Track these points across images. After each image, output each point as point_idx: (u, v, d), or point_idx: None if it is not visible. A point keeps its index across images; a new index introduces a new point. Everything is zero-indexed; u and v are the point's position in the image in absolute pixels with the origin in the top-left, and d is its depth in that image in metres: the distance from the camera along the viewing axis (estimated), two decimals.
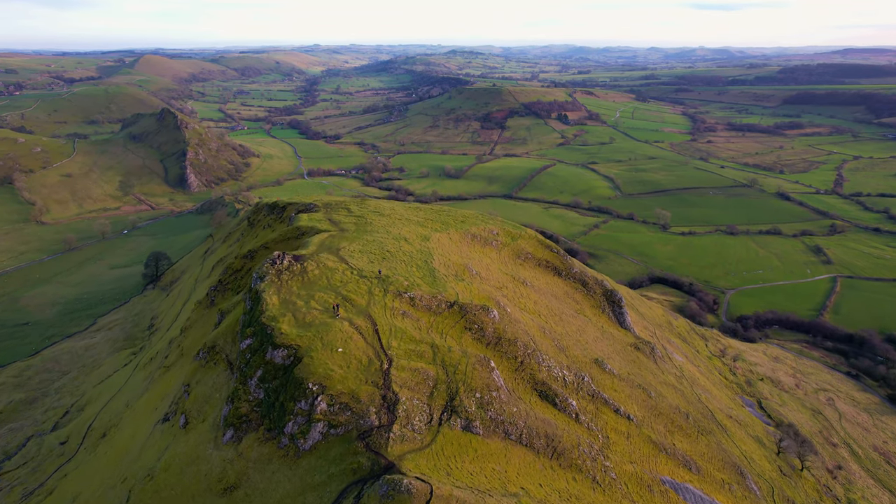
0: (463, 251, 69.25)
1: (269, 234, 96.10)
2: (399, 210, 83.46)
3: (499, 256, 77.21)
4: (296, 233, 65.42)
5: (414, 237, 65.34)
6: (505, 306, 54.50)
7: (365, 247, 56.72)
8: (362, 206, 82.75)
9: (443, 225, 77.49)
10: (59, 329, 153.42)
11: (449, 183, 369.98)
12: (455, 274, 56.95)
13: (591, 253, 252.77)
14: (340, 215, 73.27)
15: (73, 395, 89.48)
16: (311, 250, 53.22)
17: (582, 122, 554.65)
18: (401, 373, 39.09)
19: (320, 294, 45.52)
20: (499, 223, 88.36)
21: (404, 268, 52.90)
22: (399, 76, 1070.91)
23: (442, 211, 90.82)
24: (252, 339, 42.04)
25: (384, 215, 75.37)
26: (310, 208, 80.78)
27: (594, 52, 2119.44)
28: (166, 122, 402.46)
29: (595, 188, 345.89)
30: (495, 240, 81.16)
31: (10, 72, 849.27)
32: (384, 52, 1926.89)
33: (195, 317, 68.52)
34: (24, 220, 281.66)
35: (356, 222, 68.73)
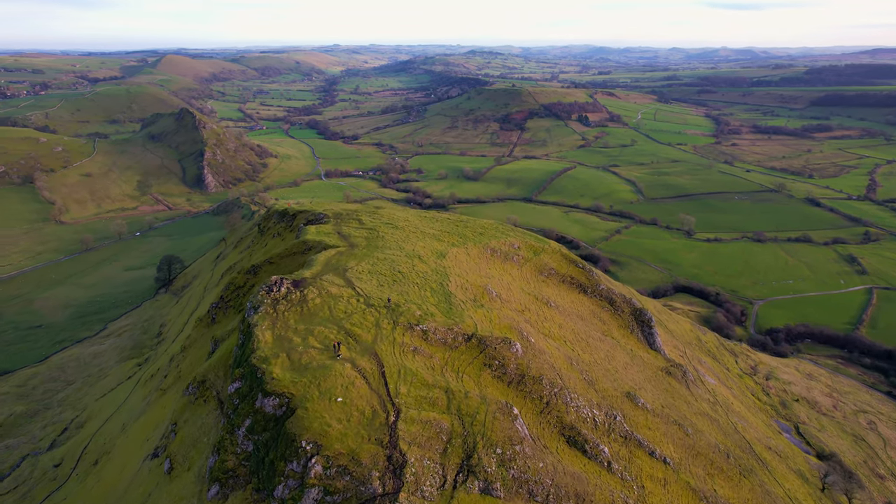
0: (482, 269, 64.03)
1: (277, 244, 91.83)
2: (414, 221, 78.43)
3: (520, 273, 71.81)
4: (302, 247, 60.76)
5: (429, 254, 60.33)
6: (528, 335, 49.14)
7: (375, 266, 51.75)
8: (375, 216, 77.90)
9: (460, 238, 72.29)
10: (70, 333, 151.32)
11: (467, 185, 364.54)
12: (473, 298, 51.72)
13: (612, 259, 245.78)
14: (351, 227, 68.50)
15: (75, 409, 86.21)
16: (315, 271, 48.37)
17: (603, 123, 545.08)
18: (410, 426, 33.89)
19: (320, 329, 40.42)
20: (520, 235, 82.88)
21: (417, 292, 47.81)
22: (418, 76, 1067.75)
23: (460, 222, 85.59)
24: (241, 383, 37.10)
25: (398, 228, 70.41)
26: (319, 219, 76.17)
27: (614, 52, 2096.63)
28: (185, 121, 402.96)
29: (617, 192, 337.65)
30: (516, 254, 75.70)
31: (36, 72, 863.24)
32: (403, 53, 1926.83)
33: (195, 335, 64.40)
34: (44, 219, 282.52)
35: (367, 236, 63.87)
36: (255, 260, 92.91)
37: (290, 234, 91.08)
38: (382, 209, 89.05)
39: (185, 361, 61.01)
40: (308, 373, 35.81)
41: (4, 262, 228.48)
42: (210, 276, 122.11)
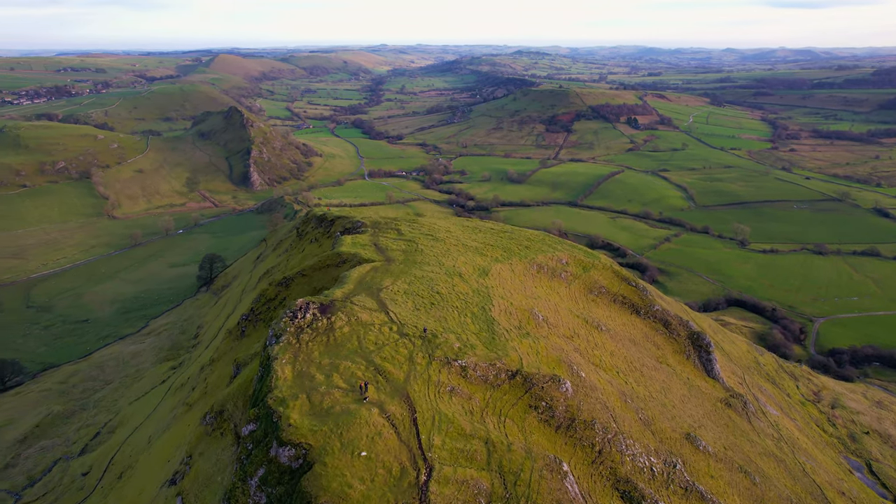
0: (527, 288, 59.24)
1: (314, 251, 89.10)
2: (456, 232, 74.11)
3: (568, 292, 66.59)
4: (336, 259, 57.34)
5: (471, 271, 55.95)
6: (579, 369, 44.12)
7: (411, 286, 47.72)
8: (414, 226, 73.95)
9: (504, 253, 67.53)
10: (114, 329, 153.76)
11: (511, 188, 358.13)
12: (518, 325, 47.07)
13: (661, 269, 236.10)
14: (388, 239, 64.75)
15: (109, 412, 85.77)
16: (346, 290, 44.62)
17: (652, 126, 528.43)
18: (443, 488, 29.45)
19: (347, 364, 36.29)
20: (568, 249, 77.45)
21: (456, 318, 43.47)
22: (464, 76, 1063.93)
23: (504, 233, 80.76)
24: (256, 426, 33.47)
25: (438, 240, 66.21)
26: (356, 227, 72.79)
27: (665, 52, 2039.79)
28: (233, 120, 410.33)
29: (666, 198, 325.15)
30: (564, 270, 70.44)
31: (99, 71, 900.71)
32: (450, 52, 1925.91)
33: (224, 348, 61.98)
34: (98, 214, 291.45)
35: (405, 249, 59.92)
36: (290, 269, 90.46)
37: (326, 240, 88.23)
38: (423, 217, 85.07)
39: (212, 375, 58.57)
40: (330, 419, 31.72)
41: (60, 255, 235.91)
42: (248, 279, 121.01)
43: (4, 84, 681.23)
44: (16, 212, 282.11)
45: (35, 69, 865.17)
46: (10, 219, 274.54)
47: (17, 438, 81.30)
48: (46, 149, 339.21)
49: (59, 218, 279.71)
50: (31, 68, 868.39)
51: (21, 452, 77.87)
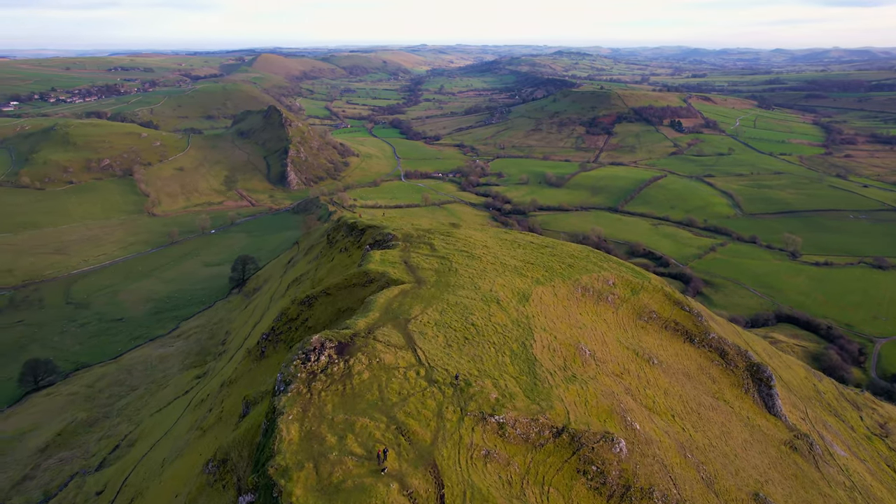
0: (572, 315, 53.43)
1: (343, 260, 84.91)
2: (493, 248, 68.60)
3: (616, 318, 60.38)
4: (363, 278, 52.70)
5: (509, 296, 50.50)
6: (633, 421, 38.20)
7: (443, 316, 42.53)
8: (449, 240, 68.67)
9: (546, 273, 61.70)
10: (145, 330, 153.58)
11: (549, 191, 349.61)
12: (563, 364, 41.37)
13: (706, 280, 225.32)
14: (420, 255, 59.69)
15: (131, 423, 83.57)
16: (370, 320, 39.67)
17: (697, 129, 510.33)
18: None
19: (364, 421, 30.37)
20: (615, 268, 70.97)
21: (493, 358, 38.14)
22: (503, 77, 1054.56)
23: (545, 248, 74.78)
24: (255, 497, 28.82)
25: (474, 257, 60.76)
26: (386, 241, 68.03)
27: (710, 53, 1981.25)
28: (272, 119, 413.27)
29: (711, 205, 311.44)
30: (611, 293, 64.14)
31: (147, 70, 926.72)
32: (489, 53, 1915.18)
33: (242, 369, 58.15)
34: (138, 211, 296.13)
35: (438, 268, 54.74)
36: (317, 280, 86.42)
37: (356, 250, 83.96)
38: (458, 229, 79.70)
39: (228, 399, 54.78)
40: (339, 498, 26.64)
41: (100, 251, 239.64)
42: (278, 285, 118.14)
43: (60, 83, 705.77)
44: (62, 207, 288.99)
45: (88, 68, 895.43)
46: (55, 214, 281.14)
47: (38, 447, 79.88)
48: (93, 146, 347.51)
49: (101, 214, 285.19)
50: (84, 68, 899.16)
51: (40, 463, 76.23)
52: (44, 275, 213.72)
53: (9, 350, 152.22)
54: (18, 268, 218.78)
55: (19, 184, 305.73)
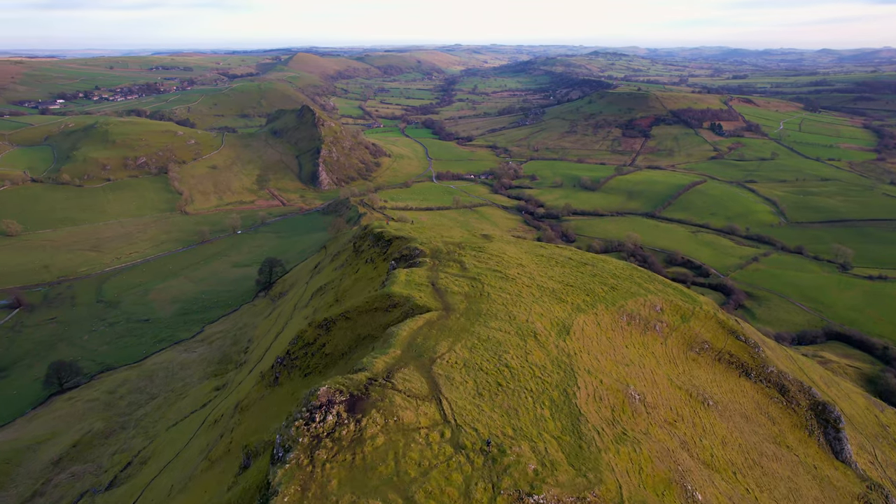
0: (617, 349, 47.61)
1: (368, 272, 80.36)
2: (529, 266, 62.91)
3: (665, 350, 54.20)
4: (386, 302, 47.88)
5: (548, 327, 44.93)
6: (693, 490, 32.27)
7: (473, 354, 37.30)
8: (481, 256, 63.21)
9: (588, 298, 55.83)
10: (171, 332, 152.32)
11: (584, 195, 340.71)
12: (611, 416, 35.60)
13: (748, 293, 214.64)
14: (449, 275, 54.40)
15: (146, 437, 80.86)
16: (391, 359, 34.64)
17: (738, 133, 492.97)
18: None
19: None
20: (661, 291, 64.50)
21: (531, 411, 32.61)
22: (537, 77, 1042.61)
23: (584, 266, 68.71)
24: None
25: (508, 279, 55.27)
26: (413, 256, 63.03)
27: (751, 54, 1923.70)
28: (305, 118, 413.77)
29: (754, 212, 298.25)
30: (659, 321, 57.87)
31: (186, 69, 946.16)
32: (524, 53, 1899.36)
33: (255, 395, 54.02)
34: (171, 209, 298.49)
35: (468, 293, 49.37)
36: (341, 291, 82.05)
37: (382, 262, 79.32)
38: (491, 243, 74.12)
39: (238, 428, 50.69)
40: None
41: (133, 249, 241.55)
42: (303, 292, 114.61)
43: (104, 82, 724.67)
44: (99, 204, 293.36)
45: (131, 67, 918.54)
46: (93, 211, 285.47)
47: (52, 459, 77.77)
48: (130, 144, 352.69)
49: (135, 212, 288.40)
50: (127, 67, 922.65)
51: (52, 478, 73.97)
52: (78, 272, 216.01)
53: (39, 349, 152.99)
54: (55, 264, 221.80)
55: (60, 181, 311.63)
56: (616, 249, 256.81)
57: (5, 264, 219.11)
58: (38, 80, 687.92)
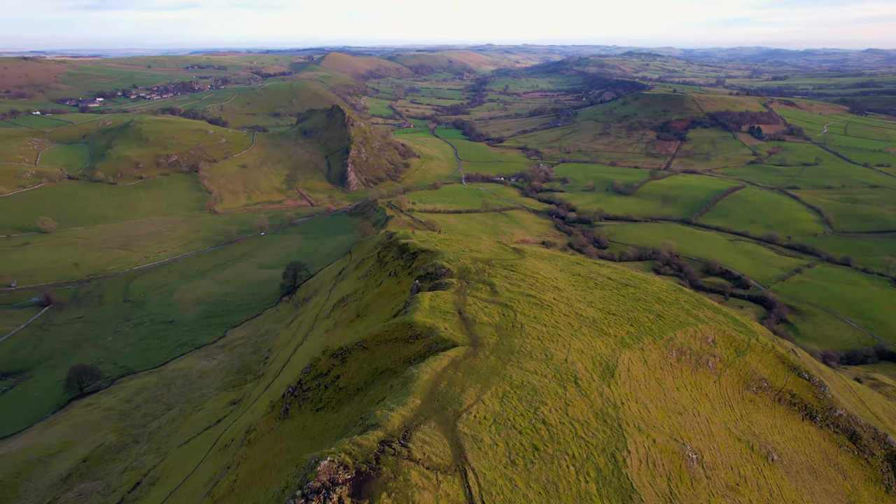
0: (668, 393, 41.75)
1: (391, 287, 75.60)
2: (565, 288, 57.18)
3: (719, 390, 48.04)
4: (407, 332, 42.86)
5: (590, 368, 39.28)
6: None
7: (505, 406, 31.83)
8: (512, 277, 57.67)
9: (633, 329, 49.86)
10: (193, 336, 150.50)
11: (617, 199, 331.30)
12: (667, 489, 29.89)
13: (791, 306, 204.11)
14: (478, 300, 49.00)
15: (158, 454, 77.71)
16: (408, 412, 29.54)
17: (779, 137, 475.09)
18: None
19: None
20: (712, 319, 58.05)
21: (573, 486, 27.08)
22: (569, 78, 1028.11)
23: (625, 287, 62.62)
24: None
25: (543, 305, 49.70)
26: (439, 275, 57.81)
27: (792, 54, 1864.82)
28: (335, 118, 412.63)
29: (796, 220, 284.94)
30: (711, 355, 51.61)
31: (221, 68, 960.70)
32: (556, 53, 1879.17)
33: (264, 426, 49.60)
34: (200, 208, 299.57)
35: (499, 323, 43.96)
36: (363, 303, 77.49)
37: (406, 276, 74.49)
38: (523, 260, 68.55)
39: (244, 464, 46.19)
40: None
41: (161, 248, 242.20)
42: (324, 302, 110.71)
43: (141, 81, 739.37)
44: (130, 202, 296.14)
45: (168, 67, 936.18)
46: (124, 209, 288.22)
47: (61, 475, 75.18)
48: (163, 142, 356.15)
49: (165, 210, 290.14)
50: (164, 66, 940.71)
51: (59, 496, 71.29)
52: (107, 270, 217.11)
53: (65, 348, 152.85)
54: (85, 262, 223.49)
55: (95, 178, 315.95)
56: (650, 257, 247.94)
57: (38, 261, 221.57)
58: (79, 78, 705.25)
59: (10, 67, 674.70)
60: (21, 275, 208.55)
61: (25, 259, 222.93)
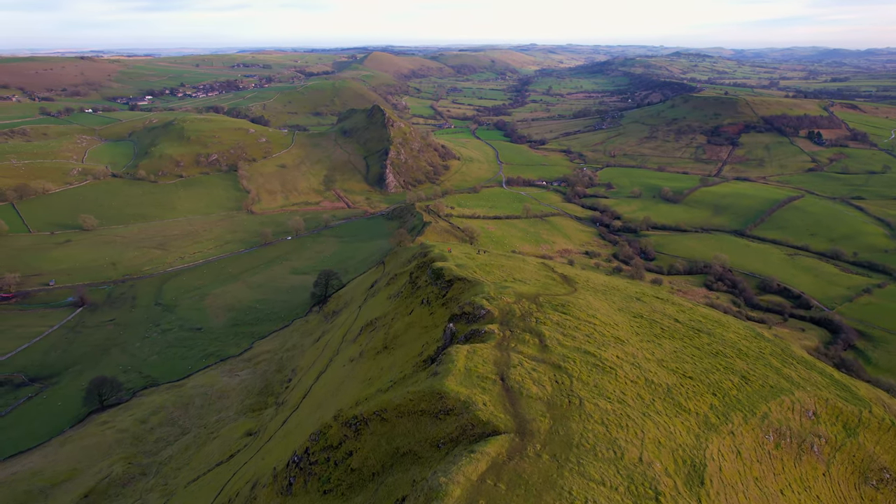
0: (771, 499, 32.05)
1: (422, 317, 67.01)
2: (630, 340, 47.31)
3: (830, 487, 37.83)
4: (436, 405, 33.77)
5: (671, 470, 29.98)
6: None
7: None
8: (564, 321, 48.09)
9: (717, 401, 39.77)
10: (219, 346, 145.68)
11: (664, 207, 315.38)
12: None
13: (860, 331, 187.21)
14: (525, 358, 39.79)
15: (163, 493, 71.34)
16: None
17: (841, 143, 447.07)
18: None
19: None
20: (806, 379, 47.43)
21: None
22: (615, 78, 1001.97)
23: (698, 334, 52.51)
24: None
25: (605, 368, 39.99)
26: (477, 316, 48.84)
27: (851, 54, 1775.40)
28: (375, 118, 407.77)
29: (863, 234, 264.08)
30: (815, 435, 41.23)
31: (265, 67, 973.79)
32: (601, 53, 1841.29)
33: (265, 498, 42.06)
34: (238, 207, 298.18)
35: (551, 400, 34.58)
36: (392, 339, 69.23)
37: (439, 307, 65.80)
38: (575, 294, 59.03)
39: None
40: None
41: (197, 248, 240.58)
42: (353, 322, 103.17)
43: (189, 79, 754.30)
44: (170, 201, 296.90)
45: (215, 65, 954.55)
46: (163, 208, 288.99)
47: None
48: (204, 141, 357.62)
49: (203, 209, 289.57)
50: (212, 65, 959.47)
51: None
52: (142, 270, 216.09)
53: (94, 353, 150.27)
54: (122, 261, 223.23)
55: (137, 176, 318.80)
56: (701, 271, 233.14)
57: (77, 259, 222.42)
58: (131, 77, 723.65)
59: (67, 67, 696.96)
60: (60, 273, 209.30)
61: (66, 256, 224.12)
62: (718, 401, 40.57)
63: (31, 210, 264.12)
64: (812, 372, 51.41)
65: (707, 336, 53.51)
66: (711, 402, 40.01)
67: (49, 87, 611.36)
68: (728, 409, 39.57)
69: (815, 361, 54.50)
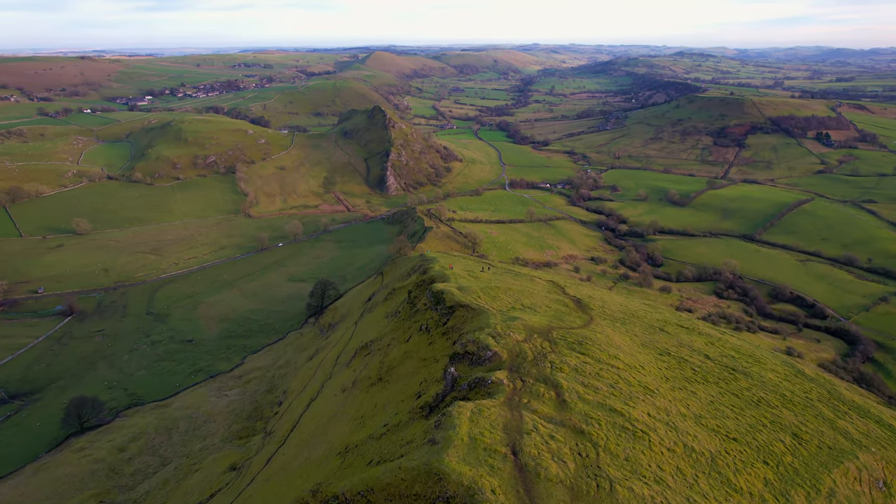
0: None
1: (419, 347, 60.31)
2: (661, 391, 40.61)
3: None
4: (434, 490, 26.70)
5: None
6: None
7: None
8: (584, 365, 41.52)
9: (773, 477, 33.05)
10: (210, 361, 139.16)
11: (671, 211, 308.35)
12: None
13: (878, 342, 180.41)
14: (540, 419, 33.32)
15: None
16: None
17: (850, 144, 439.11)
18: None
19: None
20: (864, 432, 40.81)
21: None
22: (618, 78, 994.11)
23: (734, 378, 45.91)
24: None
25: (637, 434, 33.15)
26: (482, 359, 42.25)
27: (856, 54, 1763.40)
28: (375, 119, 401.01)
29: (877, 239, 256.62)
30: None
31: (267, 66, 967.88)
32: (604, 53, 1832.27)
33: None
34: (235, 210, 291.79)
35: (575, 480, 27.97)
36: (387, 371, 62.64)
37: (439, 336, 59.21)
38: (593, 331, 52.33)
39: None
40: None
41: (192, 254, 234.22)
42: (348, 340, 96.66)
43: (189, 79, 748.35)
44: (166, 204, 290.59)
45: (216, 65, 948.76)
46: (159, 211, 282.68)
47: None
48: (201, 142, 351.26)
49: (200, 213, 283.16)
50: (213, 64, 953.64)
51: None
52: (135, 277, 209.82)
53: (79, 367, 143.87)
54: (115, 267, 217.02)
55: (133, 178, 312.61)
56: (711, 278, 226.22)
57: (69, 265, 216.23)
58: (131, 77, 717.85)
59: (67, 67, 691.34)
60: (50, 280, 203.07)
61: (57, 262, 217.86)
62: (773, 472, 33.88)
63: (24, 213, 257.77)
64: (869, 422, 44.57)
65: (744, 377, 46.74)
66: (765, 476, 33.32)
67: (48, 88, 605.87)
68: (786, 485, 32.89)
69: (867, 406, 47.66)
